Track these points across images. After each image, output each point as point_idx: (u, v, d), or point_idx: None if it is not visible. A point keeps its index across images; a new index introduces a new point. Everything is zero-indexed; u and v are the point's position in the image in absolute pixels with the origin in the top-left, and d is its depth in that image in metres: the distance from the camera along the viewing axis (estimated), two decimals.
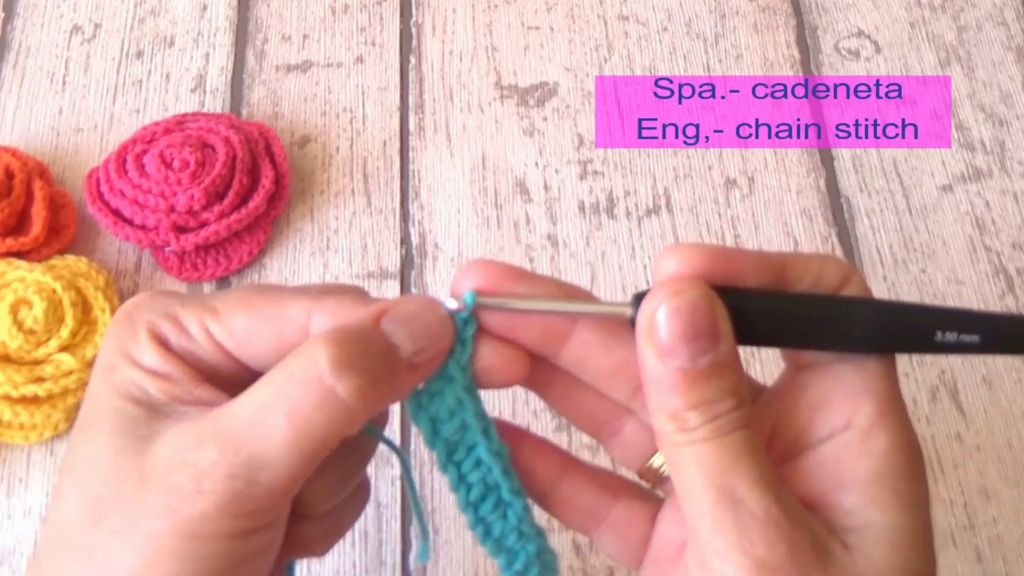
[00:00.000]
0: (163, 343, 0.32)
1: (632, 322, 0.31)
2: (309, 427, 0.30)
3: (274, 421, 0.30)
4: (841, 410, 0.32)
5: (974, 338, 0.32)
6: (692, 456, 0.30)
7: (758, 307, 0.31)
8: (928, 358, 0.56)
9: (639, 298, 0.31)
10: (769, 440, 0.33)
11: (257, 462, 0.30)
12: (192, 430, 0.30)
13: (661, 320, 0.30)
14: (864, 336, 0.32)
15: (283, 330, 0.32)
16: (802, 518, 0.30)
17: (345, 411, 0.30)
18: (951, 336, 0.32)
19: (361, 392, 0.30)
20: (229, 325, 0.32)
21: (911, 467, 0.31)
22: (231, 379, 0.33)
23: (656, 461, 0.35)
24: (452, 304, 0.32)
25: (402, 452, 0.44)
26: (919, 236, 0.60)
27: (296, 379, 0.30)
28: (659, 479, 0.35)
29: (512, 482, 0.34)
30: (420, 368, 0.32)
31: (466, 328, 0.33)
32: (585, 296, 0.34)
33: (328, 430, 0.30)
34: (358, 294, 0.34)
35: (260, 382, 0.31)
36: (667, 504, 0.35)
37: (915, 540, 0.31)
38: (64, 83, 0.65)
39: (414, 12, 0.68)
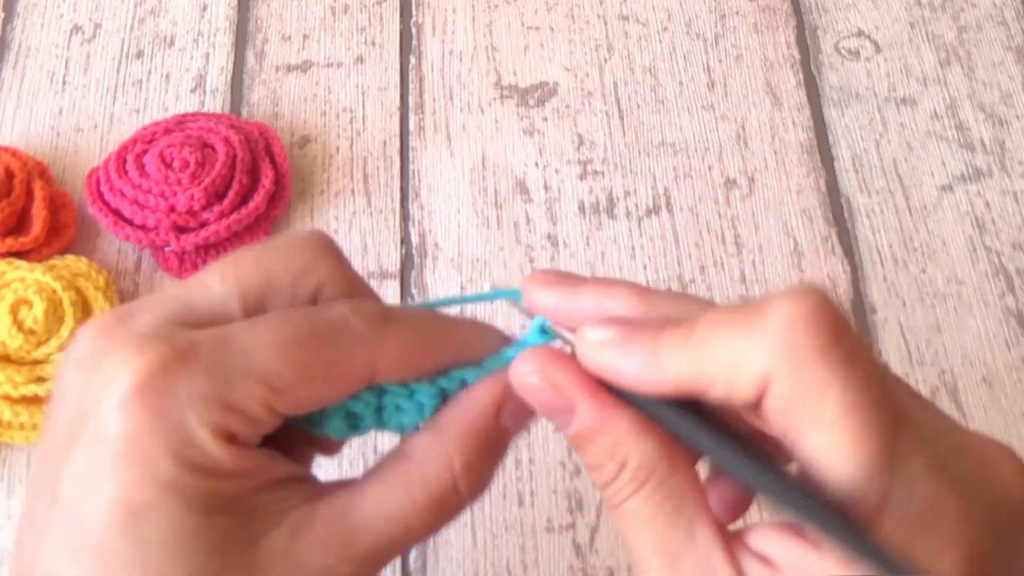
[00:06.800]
0: (230, 438, 0.28)
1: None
2: (438, 529, 0.31)
3: (414, 534, 0.30)
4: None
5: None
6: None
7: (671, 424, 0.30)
8: (928, 358, 0.56)
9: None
10: None
11: (384, 560, 0.30)
12: (314, 537, 0.29)
13: (521, 393, 0.30)
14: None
15: (349, 388, 0.31)
16: None
17: (462, 509, 0.31)
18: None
19: (478, 495, 0.31)
20: (294, 400, 0.29)
21: None
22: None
23: None
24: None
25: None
26: (919, 236, 0.60)
27: (440, 503, 0.30)
28: None
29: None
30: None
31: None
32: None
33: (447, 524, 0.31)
34: (409, 322, 0.31)
35: (385, 491, 0.30)
36: None
37: None
38: (64, 83, 0.65)
39: (414, 12, 0.68)
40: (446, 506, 0.30)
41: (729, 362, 0.27)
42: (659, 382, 0.28)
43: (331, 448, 0.35)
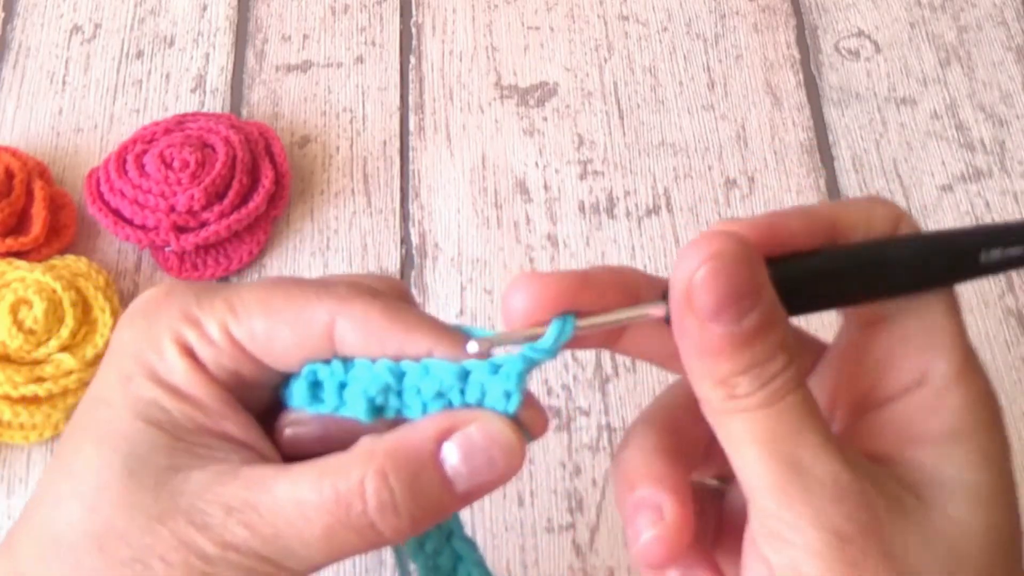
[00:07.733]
0: (190, 354, 0.31)
1: (667, 320, 0.30)
2: (343, 544, 0.30)
3: (311, 528, 0.29)
4: (913, 367, 0.31)
5: (1019, 250, 0.31)
6: (747, 424, 0.29)
7: (792, 273, 0.29)
8: None
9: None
10: (834, 400, 0.32)
11: (287, 552, 0.29)
12: (225, 493, 0.29)
13: (699, 284, 0.28)
14: (908, 275, 0.30)
15: (305, 334, 0.31)
16: (872, 478, 0.29)
17: (381, 541, 0.30)
18: (996, 253, 0.30)
19: (401, 533, 0.30)
20: (249, 327, 0.31)
21: (988, 421, 0.31)
22: (253, 380, 0.32)
23: None
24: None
25: None
26: None
27: (342, 503, 0.29)
28: None
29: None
30: (469, 499, 0.31)
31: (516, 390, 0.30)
32: (620, 281, 0.31)
33: (360, 549, 0.30)
34: (388, 300, 0.31)
35: (304, 474, 0.30)
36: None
37: (994, 495, 0.30)
38: (64, 83, 0.65)
39: (414, 12, 0.68)
40: (348, 512, 0.29)
41: (869, 211, 0.31)
42: (822, 229, 0.31)
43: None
